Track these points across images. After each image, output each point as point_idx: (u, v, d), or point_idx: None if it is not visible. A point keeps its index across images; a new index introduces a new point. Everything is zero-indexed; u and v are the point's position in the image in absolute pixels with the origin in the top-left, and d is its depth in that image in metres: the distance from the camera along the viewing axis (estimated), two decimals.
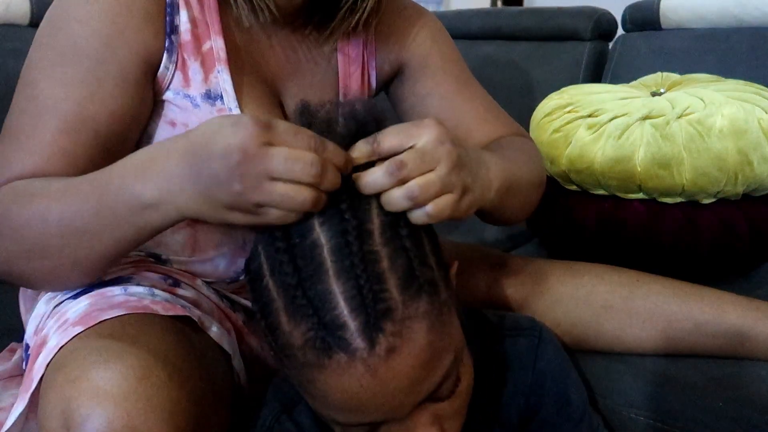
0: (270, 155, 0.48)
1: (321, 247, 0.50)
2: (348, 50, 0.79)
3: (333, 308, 0.49)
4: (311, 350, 0.49)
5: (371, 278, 0.49)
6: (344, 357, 0.49)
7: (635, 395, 0.76)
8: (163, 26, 0.66)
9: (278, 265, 0.51)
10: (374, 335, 0.48)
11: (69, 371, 0.53)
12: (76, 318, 0.59)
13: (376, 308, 0.49)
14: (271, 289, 0.52)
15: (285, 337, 0.51)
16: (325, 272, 0.49)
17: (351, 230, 0.50)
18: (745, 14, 1.26)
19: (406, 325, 0.49)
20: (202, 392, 0.57)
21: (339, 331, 0.49)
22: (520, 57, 1.53)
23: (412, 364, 0.50)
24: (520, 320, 0.73)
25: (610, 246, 0.96)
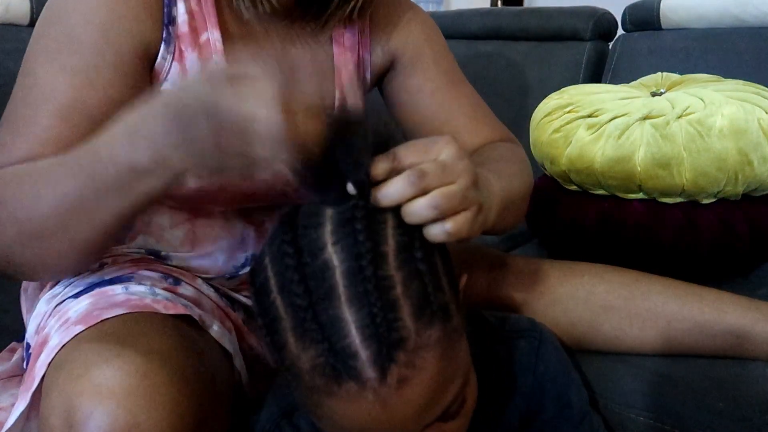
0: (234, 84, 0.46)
1: (333, 270, 0.49)
2: (343, 40, 0.80)
3: (345, 336, 0.47)
4: (320, 376, 0.48)
5: (385, 306, 0.48)
6: (354, 386, 0.48)
7: (635, 395, 0.76)
8: (160, 17, 0.67)
9: (288, 283, 0.50)
10: (386, 366, 0.47)
11: (71, 370, 0.53)
12: (77, 317, 0.59)
13: (389, 338, 0.47)
14: (278, 307, 0.50)
15: (292, 358, 0.50)
16: (337, 297, 0.48)
17: (365, 253, 0.49)
18: (745, 14, 1.26)
19: (419, 354, 0.48)
20: (203, 391, 0.57)
21: (350, 360, 0.47)
22: (520, 57, 1.53)
23: (421, 393, 0.49)
24: (521, 322, 0.73)
25: (610, 246, 0.96)
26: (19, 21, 1.39)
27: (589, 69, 1.45)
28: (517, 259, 0.86)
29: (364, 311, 0.48)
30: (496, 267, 0.84)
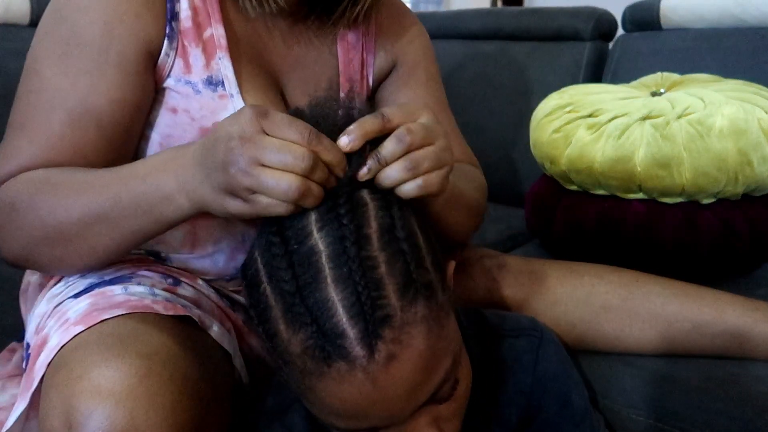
0: (262, 142, 0.50)
1: (319, 254, 0.50)
2: (347, 40, 0.80)
3: (332, 316, 0.49)
4: (310, 358, 0.49)
5: (369, 285, 0.49)
6: (344, 365, 0.48)
7: (635, 395, 0.76)
8: (163, 12, 0.67)
9: (276, 271, 0.51)
10: (373, 343, 0.48)
11: (70, 370, 0.53)
12: (77, 317, 0.59)
13: (374, 315, 0.48)
14: (268, 296, 0.52)
15: (284, 345, 0.51)
16: (323, 279, 0.49)
17: (349, 235, 0.50)
18: (745, 14, 1.26)
19: (405, 330, 0.49)
20: (202, 391, 0.57)
21: (338, 340, 0.48)
22: (520, 57, 1.53)
23: (411, 370, 0.50)
24: (522, 321, 0.73)
25: (610, 246, 0.96)
26: (19, 21, 1.39)
27: (589, 69, 1.45)
28: (516, 260, 0.86)
29: (349, 290, 0.49)
30: (495, 267, 0.84)
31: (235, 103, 0.69)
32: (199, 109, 0.69)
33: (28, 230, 0.63)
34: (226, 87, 0.69)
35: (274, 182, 0.49)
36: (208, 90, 0.69)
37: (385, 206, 0.53)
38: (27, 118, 0.65)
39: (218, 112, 0.69)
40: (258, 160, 0.50)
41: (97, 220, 0.60)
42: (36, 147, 0.64)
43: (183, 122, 0.69)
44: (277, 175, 0.50)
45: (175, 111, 0.69)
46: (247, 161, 0.50)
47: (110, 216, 0.60)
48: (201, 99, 0.69)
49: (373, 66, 0.83)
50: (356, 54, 0.81)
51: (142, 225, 0.60)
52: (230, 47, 0.70)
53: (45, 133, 0.64)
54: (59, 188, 0.62)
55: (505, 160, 1.49)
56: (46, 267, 0.67)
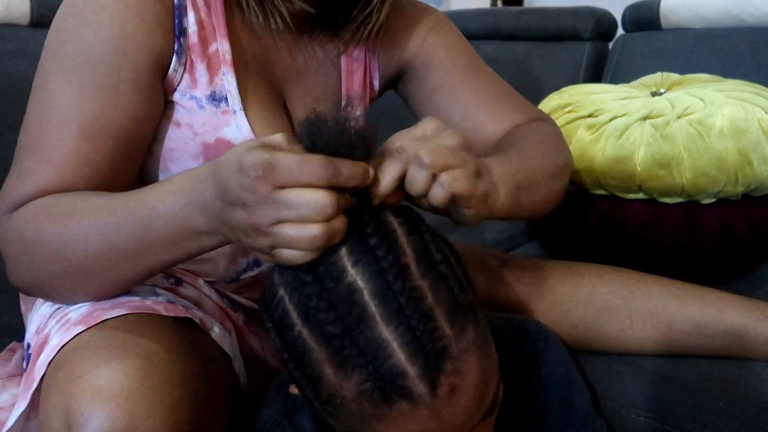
0: (277, 202, 0.46)
1: (360, 291, 0.47)
2: (351, 52, 0.79)
3: (389, 356, 0.46)
4: (368, 401, 0.47)
5: (421, 318, 0.47)
6: (406, 405, 0.47)
7: (635, 395, 0.76)
8: (172, 28, 0.66)
9: (314, 312, 0.48)
10: (435, 378, 0.47)
11: (70, 370, 0.53)
12: (78, 317, 0.59)
13: (433, 349, 0.47)
14: (306, 339, 0.48)
15: (333, 389, 0.48)
16: (371, 318, 0.47)
17: (389, 268, 0.48)
18: (745, 14, 1.26)
19: (463, 360, 0.48)
20: (202, 392, 0.57)
21: (398, 380, 0.46)
22: (520, 57, 1.53)
23: (470, 398, 0.49)
24: (526, 324, 0.72)
25: (610, 246, 0.96)
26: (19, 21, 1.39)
27: (589, 69, 1.45)
28: (517, 260, 0.86)
29: (403, 327, 0.47)
30: (495, 268, 0.84)
31: (237, 119, 0.68)
32: (201, 125, 0.68)
33: (42, 264, 0.60)
34: (230, 103, 0.68)
35: (296, 236, 0.47)
36: (211, 106, 0.68)
37: (413, 229, 0.51)
38: (39, 137, 0.63)
39: (221, 128, 0.68)
40: (276, 220, 0.47)
41: (119, 255, 0.58)
42: (51, 166, 0.62)
43: (186, 136, 0.68)
44: (299, 229, 0.46)
45: (179, 125, 0.68)
46: (266, 224, 0.47)
47: (134, 251, 0.57)
48: (204, 114, 0.68)
49: (378, 70, 0.83)
50: (360, 64, 0.80)
51: (170, 258, 0.57)
52: (235, 61, 0.69)
53: (59, 149, 0.62)
54: (73, 218, 0.59)
55: None
56: (59, 297, 0.63)
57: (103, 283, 0.60)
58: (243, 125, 0.68)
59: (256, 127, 0.69)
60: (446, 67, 0.82)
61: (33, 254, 0.60)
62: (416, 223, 0.52)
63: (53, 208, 0.60)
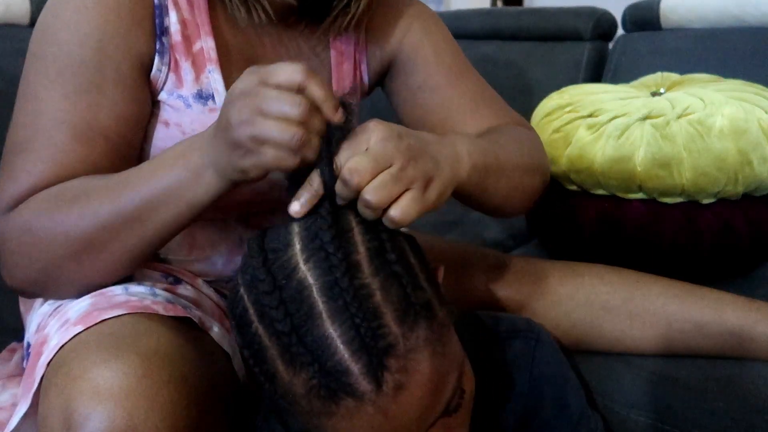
0: (259, 93, 0.51)
1: (310, 288, 0.48)
2: (339, 46, 0.79)
3: (333, 354, 0.47)
4: (316, 398, 0.48)
5: (367, 315, 0.47)
6: (352, 402, 0.47)
7: (635, 395, 0.76)
8: (152, 28, 0.66)
9: (267, 310, 0.49)
10: (379, 375, 0.47)
11: (69, 370, 0.53)
12: (77, 317, 0.59)
13: (377, 347, 0.47)
14: (262, 336, 0.49)
15: (285, 386, 0.49)
16: (318, 315, 0.47)
17: (338, 264, 0.48)
18: (745, 14, 1.26)
19: (410, 357, 0.48)
20: (202, 391, 0.57)
21: (343, 377, 0.47)
22: (520, 57, 1.53)
23: (420, 395, 0.48)
24: (517, 322, 0.72)
25: (610, 246, 0.96)
26: (19, 21, 1.39)
27: (589, 69, 1.45)
28: (516, 260, 0.86)
29: (347, 324, 0.47)
30: (495, 267, 0.84)
31: None
32: (189, 123, 0.68)
33: (51, 249, 0.60)
34: (217, 100, 0.69)
35: (276, 131, 0.50)
36: (198, 104, 0.68)
37: (370, 228, 0.52)
38: (29, 139, 0.63)
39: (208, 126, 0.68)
40: (258, 109, 0.50)
41: (127, 220, 0.59)
42: (44, 164, 0.62)
43: (175, 136, 0.68)
44: (278, 124, 0.50)
45: (168, 124, 0.69)
46: (249, 112, 0.51)
47: (141, 212, 0.59)
48: (192, 113, 0.68)
49: (366, 64, 0.82)
50: (348, 58, 0.80)
51: (174, 214, 0.59)
52: (220, 59, 0.69)
53: (54, 149, 0.62)
54: (79, 198, 0.60)
55: None
56: (66, 286, 0.63)
57: (108, 259, 0.61)
58: None
59: None
60: (431, 66, 0.81)
61: (38, 242, 0.60)
62: (374, 223, 0.52)
63: (55, 194, 0.61)
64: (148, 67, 0.67)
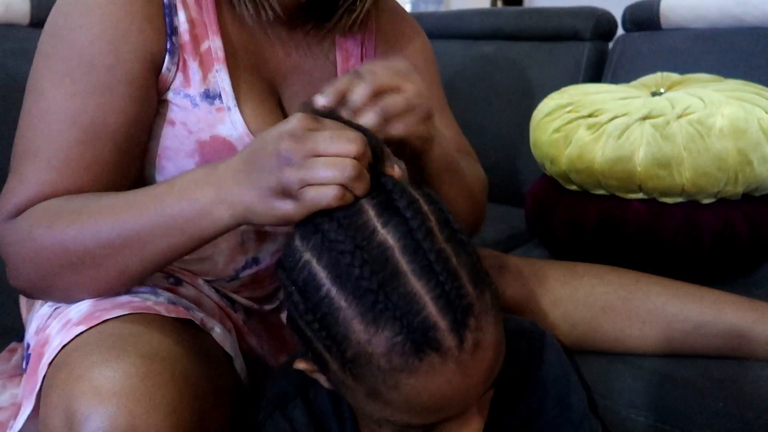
0: (315, 135, 0.51)
1: (391, 249, 0.50)
2: (346, 46, 0.80)
3: (421, 309, 0.48)
4: (399, 355, 0.48)
5: (449, 275, 0.50)
6: (437, 357, 0.48)
7: (635, 395, 0.76)
8: (163, 28, 0.66)
9: (349, 269, 0.49)
10: (462, 332, 0.49)
11: (71, 370, 0.53)
12: (78, 318, 0.59)
13: (460, 305, 0.49)
14: (335, 298, 0.50)
15: (360, 347, 0.49)
16: (404, 274, 0.49)
17: (417, 228, 0.50)
18: (745, 14, 1.26)
19: (483, 318, 0.50)
20: (203, 391, 0.57)
21: (430, 332, 0.48)
22: (520, 57, 1.53)
23: (490, 355, 0.51)
24: (523, 323, 0.72)
25: (610, 246, 0.96)
26: (19, 21, 1.39)
27: (589, 69, 1.45)
28: (516, 260, 0.86)
29: (433, 282, 0.49)
30: (496, 267, 0.84)
31: (232, 116, 0.69)
32: (196, 122, 0.68)
33: (50, 259, 0.60)
34: (224, 100, 0.68)
35: (330, 168, 0.50)
36: (205, 103, 0.68)
37: (433, 200, 0.54)
38: (38, 142, 0.63)
39: (216, 125, 0.68)
40: (313, 151, 0.50)
41: (127, 242, 0.58)
42: (53, 170, 0.62)
43: (180, 135, 0.68)
44: (332, 160, 0.50)
45: (174, 123, 0.68)
46: (302, 154, 0.50)
47: (142, 236, 0.58)
48: (198, 112, 0.68)
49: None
50: (355, 60, 0.80)
51: (175, 243, 0.58)
52: (228, 58, 0.69)
53: (61, 153, 0.62)
54: (82, 213, 0.60)
55: (505, 160, 1.49)
56: (66, 294, 0.63)
57: (109, 274, 0.60)
58: (238, 122, 0.69)
59: (252, 124, 0.69)
60: None
61: (39, 250, 0.60)
62: (434, 196, 0.55)
63: (60, 206, 0.61)
64: (158, 67, 0.66)
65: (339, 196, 0.50)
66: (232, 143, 0.68)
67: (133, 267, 0.60)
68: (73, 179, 0.62)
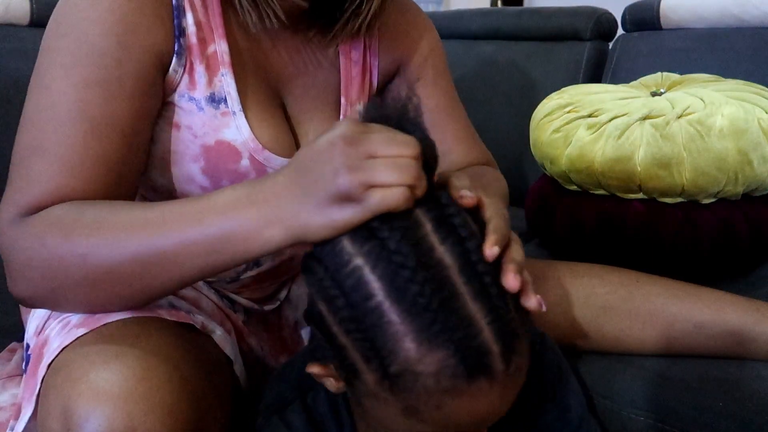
0: (371, 136, 0.49)
1: (449, 268, 0.48)
2: (350, 52, 0.79)
3: (477, 334, 0.47)
4: (448, 377, 0.47)
5: (500, 298, 0.49)
6: (485, 382, 0.48)
7: (635, 395, 0.76)
8: (172, 28, 0.65)
9: (406, 285, 0.47)
10: (510, 358, 0.48)
11: (69, 372, 0.53)
12: (79, 320, 0.59)
13: (509, 330, 0.49)
14: (387, 311, 0.47)
15: (408, 364, 0.47)
16: (461, 296, 0.48)
17: (474, 250, 0.49)
18: (745, 14, 1.26)
19: (523, 342, 0.50)
20: (202, 392, 0.57)
21: (485, 358, 0.47)
22: (520, 57, 1.53)
23: (523, 377, 0.51)
24: None
25: (610, 246, 0.96)
26: (19, 21, 1.39)
27: (589, 69, 1.45)
28: None
29: (488, 306, 0.48)
30: None
31: (237, 121, 0.68)
32: (201, 126, 0.67)
33: (64, 270, 0.56)
34: (229, 104, 0.68)
35: (394, 170, 0.48)
36: (210, 107, 0.68)
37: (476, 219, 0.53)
38: (45, 137, 0.60)
39: (221, 130, 0.68)
40: (370, 153, 0.48)
41: (159, 260, 0.54)
42: (62, 165, 0.59)
43: (185, 139, 0.68)
44: (395, 161, 0.48)
45: (178, 127, 0.68)
46: (360, 157, 0.48)
47: (178, 254, 0.54)
48: (203, 116, 0.67)
49: (377, 68, 0.83)
50: (358, 66, 0.80)
51: (214, 263, 0.54)
52: (233, 63, 0.69)
53: (69, 148, 0.59)
54: (104, 225, 0.55)
55: (505, 160, 1.48)
56: (75, 308, 0.59)
57: (131, 292, 0.56)
58: (243, 126, 0.68)
59: (256, 128, 0.69)
60: (431, 87, 0.85)
61: (53, 260, 0.56)
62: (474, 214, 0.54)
63: (82, 214, 0.57)
64: (165, 67, 0.65)
65: (407, 197, 0.48)
66: (237, 148, 0.68)
67: (159, 285, 0.56)
68: (84, 174, 0.59)
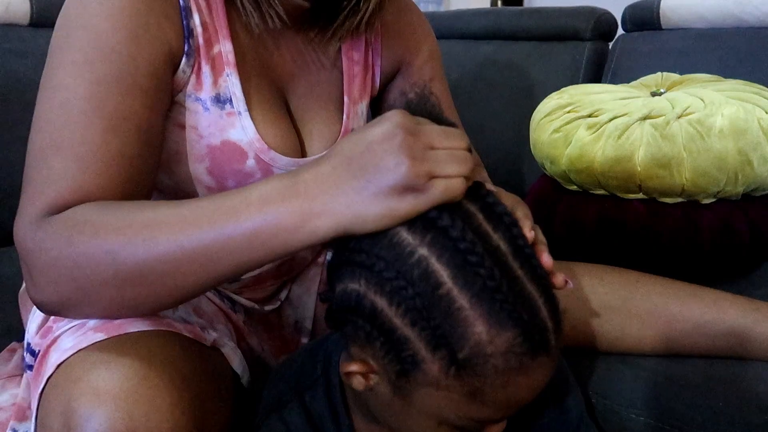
0: (427, 129, 0.51)
1: (506, 255, 0.52)
2: (352, 53, 0.80)
3: (538, 312, 0.51)
4: (516, 355, 0.50)
5: (546, 279, 0.53)
6: (545, 357, 0.51)
7: (635, 395, 0.76)
8: (181, 29, 0.65)
9: (477, 270, 0.49)
10: (558, 332, 0.53)
11: (70, 372, 0.53)
12: (97, 323, 0.58)
13: (557, 307, 0.53)
14: (457, 297, 0.49)
15: (479, 347, 0.49)
16: (520, 277, 0.51)
17: (519, 235, 0.53)
18: (745, 14, 1.26)
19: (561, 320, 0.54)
20: (203, 393, 0.57)
21: (545, 334, 0.51)
22: (520, 57, 1.52)
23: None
24: None
25: (610, 246, 0.96)
26: (19, 21, 1.39)
27: (589, 69, 1.44)
28: None
29: (541, 286, 0.52)
30: None
31: (243, 121, 0.68)
32: (207, 127, 0.67)
33: (94, 269, 0.53)
34: (234, 104, 0.68)
35: (455, 161, 0.50)
36: (215, 108, 0.67)
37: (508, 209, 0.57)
38: (61, 135, 0.58)
39: (226, 130, 0.68)
40: (431, 144, 0.50)
41: (193, 257, 0.52)
42: (83, 163, 0.57)
43: (191, 139, 0.67)
44: (455, 153, 0.51)
45: (184, 127, 0.67)
46: (421, 148, 0.49)
47: (212, 251, 0.52)
48: (209, 117, 0.67)
49: (380, 66, 0.83)
50: (360, 66, 0.80)
51: (250, 258, 0.52)
52: (238, 63, 0.68)
53: (88, 145, 0.57)
54: (134, 223, 0.53)
55: (505, 160, 1.49)
56: (100, 312, 0.56)
57: (160, 292, 0.54)
58: (248, 127, 0.68)
59: (261, 128, 0.69)
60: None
61: (84, 259, 0.53)
62: None
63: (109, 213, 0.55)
64: (175, 66, 0.65)
65: (465, 188, 0.51)
66: (243, 148, 0.68)
67: (191, 284, 0.54)
68: (102, 171, 0.58)
